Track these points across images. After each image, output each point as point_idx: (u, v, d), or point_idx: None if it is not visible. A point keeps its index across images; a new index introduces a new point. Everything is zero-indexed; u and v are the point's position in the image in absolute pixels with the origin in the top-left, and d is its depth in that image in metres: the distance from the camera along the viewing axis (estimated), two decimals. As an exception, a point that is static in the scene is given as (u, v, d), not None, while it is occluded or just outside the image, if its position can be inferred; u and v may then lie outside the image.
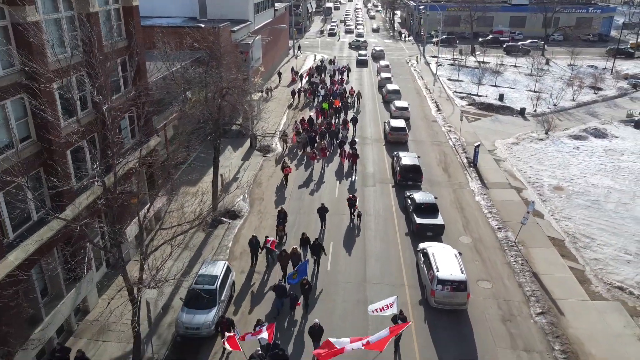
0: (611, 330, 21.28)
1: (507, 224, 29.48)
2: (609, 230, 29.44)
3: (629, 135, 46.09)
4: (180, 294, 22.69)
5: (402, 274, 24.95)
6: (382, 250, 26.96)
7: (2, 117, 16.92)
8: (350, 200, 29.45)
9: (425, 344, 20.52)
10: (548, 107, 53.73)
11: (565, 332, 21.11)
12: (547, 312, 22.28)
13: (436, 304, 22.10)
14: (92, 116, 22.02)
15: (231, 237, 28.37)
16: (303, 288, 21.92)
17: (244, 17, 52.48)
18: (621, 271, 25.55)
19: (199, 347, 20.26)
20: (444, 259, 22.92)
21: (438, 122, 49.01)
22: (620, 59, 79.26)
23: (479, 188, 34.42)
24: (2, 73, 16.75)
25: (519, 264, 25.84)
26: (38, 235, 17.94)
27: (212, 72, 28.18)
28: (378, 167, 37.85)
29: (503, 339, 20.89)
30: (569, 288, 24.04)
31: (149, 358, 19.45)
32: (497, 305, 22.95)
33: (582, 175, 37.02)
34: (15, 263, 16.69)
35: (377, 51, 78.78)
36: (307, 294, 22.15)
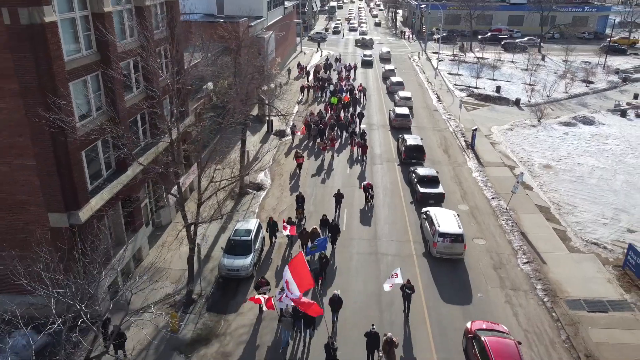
0: (585, 275, 25.12)
1: (500, 195, 33.31)
2: (590, 200, 33.28)
3: (615, 122, 49.90)
4: (220, 244, 26.63)
5: (407, 233, 28.82)
6: (390, 215, 30.83)
7: (84, 89, 20.77)
8: (365, 188, 31.94)
9: (429, 285, 24.37)
10: (542, 98, 57.51)
11: (547, 276, 24.96)
12: (532, 262, 26.13)
13: (437, 254, 25.96)
14: (143, 94, 25.92)
15: (257, 205, 32.22)
16: (321, 262, 23.96)
17: (258, 14, 56.29)
18: (598, 231, 29.40)
19: (238, 285, 24.13)
20: (444, 217, 26.80)
21: (439, 111, 52.85)
22: (614, 55, 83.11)
23: (476, 166, 38.28)
24: (85, 53, 20.61)
25: (510, 225, 29.70)
26: (110, 187, 21.88)
27: (240, 59, 32.03)
28: (384, 149, 41.69)
29: (494, 281, 24.75)
30: (552, 244, 27.89)
31: (198, 293, 23.31)
32: (489, 257, 26.81)
33: (569, 156, 40.87)
34: (96, 207, 20.59)
35: (384, 53, 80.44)
36: (324, 267, 24.08)
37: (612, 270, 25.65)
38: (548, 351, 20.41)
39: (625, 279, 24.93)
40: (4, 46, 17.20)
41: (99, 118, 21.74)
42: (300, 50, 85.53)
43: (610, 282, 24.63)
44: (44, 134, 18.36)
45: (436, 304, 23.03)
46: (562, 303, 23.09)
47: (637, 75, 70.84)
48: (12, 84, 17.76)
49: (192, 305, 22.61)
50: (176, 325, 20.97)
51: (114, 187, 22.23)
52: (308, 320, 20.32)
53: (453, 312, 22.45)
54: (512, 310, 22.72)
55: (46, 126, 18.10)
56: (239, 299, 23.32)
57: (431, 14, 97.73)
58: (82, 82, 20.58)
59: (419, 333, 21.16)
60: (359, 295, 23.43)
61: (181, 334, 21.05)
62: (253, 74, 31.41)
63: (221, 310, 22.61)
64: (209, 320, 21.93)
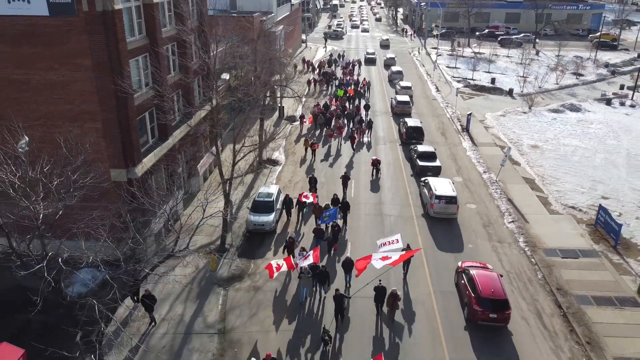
0: (561, 231, 29.12)
1: (491, 169, 37.29)
2: (571, 174, 37.28)
3: (600, 110, 53.88)
4: (243, 210, 30.63)
5: (408, 199, 32.83)
6: (392, 185, 34.86)
7: (136, 68, 24.77)
8: (373, 162, 35.78)
9: (427, 238, 28.36)
10: (533, 89, 61.48)
11: (528, 232, 28.96)
12: (516, 221, 30.13)
13: (434, 214, 29.97)
14: (178, 76, 29.93)
15: (274, 177, 36.22)
16: (333, 230, 26.70)
17: (268, 9, 60.33)
18: (576, 198, 33.41)
19: (263, 238, 28.14)
20: (440, 183, 30.81)
21: (437, 100, 56.86)
22: (605, 51, 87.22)
23: (470, 146, 42.30)
24: (137, 37, 24.62)
25: (498, 194, 33.70)
26: (157, 150, 25.92)
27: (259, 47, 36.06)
28: (387, 132, 45.71)
29: (483, 235, 28.75)
30: (534, 207, 31.90)
31: (230, 243, 27.31)
32: (479, 217, 30.81)
33: (556, 138, 44.87)
34: (148, 165, 24.63)
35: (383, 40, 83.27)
36: (336, 236, 26.75)
37: (585, 228, 29.66)
38: (526, 286, 24.42)
39: (596, 234, 28.95)
40: (82, 29, 21.20)
41: (148, 92, 25.80)
42: (305, 45, 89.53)
43: (583, 236, 28.65)
44: (110, 102, 22.39)
45: (433, 253, 27.04)
46: (540, 252, 27.10)
47: (626, 68, 74.76)
48: (87, 60, 21.77)
49: (226, 252, 26.63)
50: (214, 265, 25.02)
51: (160, 150, 26.30)
52: (322, 279, 23.28)
53: (447, 258, 26.44)
54: (497, 257, 26.72)
55: (112, 95, 22.13)
56: (265, 248, 27.35)
57: (430, 12, 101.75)
58: (136, 61, 24.60)
59: (418, 274, 25.13)
60: (366, 247, 27.30)
61: (218, 273, 25.05)
62: (271, 60, 35.28)
63: (250, 256, 26.61)
64: (240, 264, 25.94)
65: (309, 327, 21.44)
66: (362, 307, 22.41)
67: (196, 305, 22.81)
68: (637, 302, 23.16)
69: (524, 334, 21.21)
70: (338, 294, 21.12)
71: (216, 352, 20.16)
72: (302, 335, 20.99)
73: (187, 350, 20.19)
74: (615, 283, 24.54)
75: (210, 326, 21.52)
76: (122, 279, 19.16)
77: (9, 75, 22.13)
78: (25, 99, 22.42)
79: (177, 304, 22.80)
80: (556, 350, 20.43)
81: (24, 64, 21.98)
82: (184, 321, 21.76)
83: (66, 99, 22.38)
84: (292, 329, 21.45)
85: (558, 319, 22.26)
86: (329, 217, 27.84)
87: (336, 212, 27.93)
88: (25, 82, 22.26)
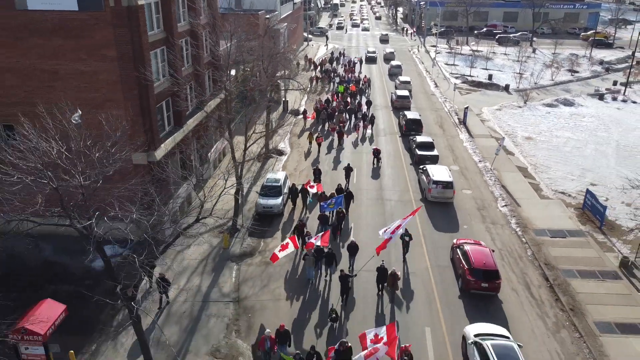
0: (551, 214, 31.06)
1: (486, 159, 39.23)
2: (562, 163, 39.22)
3: (593, 104, 55.81)
4: (251, 195, 32.55)
5: (407, 185, 34.78)
6: (393, 172, 36.81)
7: (155, 59, 26.69)
8: (375, 151, 37.85)
9: (425, 220, 30.28)
10: (529, 85, 63.39)
11: (520, 215, 30.90)
12: (509, 205, 32.08)
13: (432, 198, 31.91)
14: (191, 68, 31.85)
15: (280, 165, 38.15)
16: (338, 216, 28.37)
17: (272, 8, 62.29)
18: (565, 184, 35.35)
19: (271, 219, 30.06)
20: (437, 170, 32.78)
21: (436, 95, 58.81)
22: (601, 49, 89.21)
23: (467, 138, 44.25)
24: (156, 31, 26.55)
25: (492, 180, 35.64)
26: (174, 136, 27.86)
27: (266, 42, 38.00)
28: (387, 125, 47.66)
29: (477, 218, 30.69)
30: (526, 193, 33.83)
31: (240, 224, 29.22)
32: (474, 202, 32.76)
33: (549, 130, 46.82)
34: (166, 149, 26.57)
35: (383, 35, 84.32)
36: (341, 221, 28.42)
37: (573, 211, 31.61)
38: (517, 261, 26.36)
39: (583, 217, 30.90)
40: (108, 23, 23.14)
41: (165, 83, 27.75)
42: (307, 43, 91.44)
43: (571, 218, 30.59)
44: (133, 90, 24.33)
45: (430, 232, 28.98)
46: (530, 232, 29.04)
47: (620, 65, 76.64)
48: (112, 52, 23.70)
49: (237, 232, 28.56)
50: (227, 242, 26.96)
51: (176, 136, 28.26)
52: (328, 260, 24.86)
53: (443, 237, 28.38)
54: (490, 236, 28.66)
55: (135, 84, 24.07)
56: (273, 228, 29.30)
57: (430, 11, 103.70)
58: (154, 53, 26.54)
59: (417, 251, 27.04)
60: (368, 229, 29.21)
61: (231, 250, 26.99)
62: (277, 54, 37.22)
63: (260, 236, 28.50)
64: (251, 242, 27.87)
65: (316, 301, 23.15)
66: (365, 288, 23.94)
67: (212, 277, 24.76)
68: (618, 276, 25.10)
69: (513, 302, 23.15)
70: (343, 274, 22.59)
71: (232, 317, 22.10)
72: (310, 307, 22.69)
73: (205, 315, 22.13)
74: (599, 259, 26.48)
75: (226, 295, 23.46)
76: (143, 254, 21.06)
77: (41, 65, 24.07)
78: (55, 88, 24.33)
79: (195, 277, 24.74)
80: (542, 316, 22.36)
81: (54, 55, 23.91)
82: (201, 291, 23.70)
83: (92, 87, 24.30)
84: (301, 299, 23.32)
85: (545, 289, 24.20)
86: (335, 204, 29.69)
87: (341, 199, 29.54)
88: (55, 72, 24.20)
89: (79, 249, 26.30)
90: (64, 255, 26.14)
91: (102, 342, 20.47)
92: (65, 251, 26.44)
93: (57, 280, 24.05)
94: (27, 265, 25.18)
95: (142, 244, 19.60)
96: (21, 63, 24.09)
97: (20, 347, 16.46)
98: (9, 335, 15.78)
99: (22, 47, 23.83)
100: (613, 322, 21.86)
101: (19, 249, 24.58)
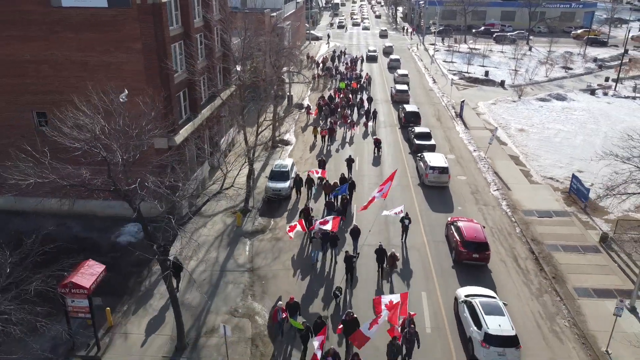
0: (539, 197, 33.47)
1: (480, 148, 41.63)
2: (552, 152, 41.63)
3: (584, 99, 58.22)
4: (260, 181, 34.94)
5: (406, 171, 37.21)
6: (392, 160, 39.25)
7: (174, 52, 29.07)
8: (375, 141, 40.38)
9: (422, 202, 32.70)
10: (524, 81, 65.83)
11: (510, 197, 33.30)
12: (500, 189, 34.49)
13: (429, 182, 34.33)
14: (205, 62, 34.25)
15: (286, 155, 40.52)
16: (342, 203, 30.68)
17: (277, 7, 64.66)
18: (554, 171, 37.76)
19: (280, 202, 32.45)
20: (434, 156, 35.21)
21: (434, 90, 61.23)
22: (596, 47, 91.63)
23: (463, 130, 46.66)
24: (175, 26, 28.94)
25: (486, 168, 38.04)
26: (191, 123, 30.27)
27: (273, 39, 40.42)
28: (387, 117, 50.08)
29: (471, 200, 33.10)
30: (517, 179, 36.24)
31: (252, 206, 31.61)
32: (468, 186, 35.16)
33: (541, 122, 49.23)
34: (185, 135, 28.97)
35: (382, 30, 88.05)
36: (345, 207, 30.35)
37: (560, 195, 34.02)
38: (506, 238, 28.76)
39: (569, 199, 33.30)
40: (134, 18, 25.53)
41: (182, 74, 30.17)
42: (309, 41, 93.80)
43: (557, 201, 33.01)
44: (156, 80, 26.72)
45: (427, 213, 31.39)
46: (519, 212, 31.45)
47: (613, 63, 78.99)
48: (137, 44, 26.10)
49: (249, 212, 30.96)
50: (240, 221, 29.36)
51: (194, 123, 30.68)
52: (333, 243, 26.89)
53: (439, 217, 30.77)
54: (482, 216, 31.05)
55: (157, 74, 26.45)
56: (282, 209, 31.71)
57: (429, 10, 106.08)
58: (174, 47, 28.93)
59: (415, 228, 29.39)
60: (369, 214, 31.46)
61: (243, 228, 29.38)
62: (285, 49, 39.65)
63: (270, 216, 30.95)
64: (262, 222, 30.27)
65: (322, 279, 25.16)
66: (367, 268, 25.86)
67: (227, 251, 27.16)
68: (598, 250, 27.51)
69: (501, 272, 25.57)
70: (347, 255, 24.58)
71: (247, 284, 24.50)
72: (317, 285, 24.67)
73: (223, 282, 24.53)
74: (582, 235, 28.90)
75: (241, 265, 25.87)
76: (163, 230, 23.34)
77: (73, 57, 26.48)
78: (85, 77, 26.70)
79: (212, 250, 27.15)
80: (527, 283, 24.78)
81: (84, 47, 26.32)
82: (218, 262, 26.11)
83: (119, 76, 26.68)
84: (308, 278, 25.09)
85: (531, 261, 26.62)
86: (339, 191, 31.93)
87: (346, 187, 31.77)
88: (85, 63, 26.61)
89: (104, 226, 29.11)
90: (92, 232, 28.57)
91: (132, 304, 22.89)
92: (92, 229, 28.89)
93: (87, 252, 26.40)
94: (60, 240, 27.54)
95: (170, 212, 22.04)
96: (55, 55, 26.52)
97: (67, 299, 18.82)
98: (58, 288, 18.14)
99: (56, 41, 26.25)
100: (591, 288, 24.26)
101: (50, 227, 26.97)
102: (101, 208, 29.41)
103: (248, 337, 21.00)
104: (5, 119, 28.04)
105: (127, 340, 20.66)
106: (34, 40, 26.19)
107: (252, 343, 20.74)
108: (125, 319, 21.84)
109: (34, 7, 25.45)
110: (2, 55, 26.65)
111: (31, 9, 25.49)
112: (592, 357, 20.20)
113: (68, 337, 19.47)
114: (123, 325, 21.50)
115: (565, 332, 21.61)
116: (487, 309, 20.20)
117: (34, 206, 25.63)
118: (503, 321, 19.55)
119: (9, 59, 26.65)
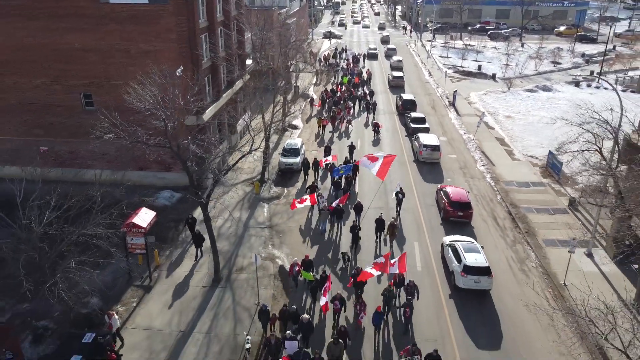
0: (520, 171, 38.04)
1: (470, 132, 46.18)
2: (534, 135, 46.21)
3: (569, 90, 62.80)
4: (274, 157, 39.49)
5: (403, 151, 41.76)
6: (390, 140, 43.84)
7: (201, 42, 33.55)
8: (374, 125, 45.07)
9: (415, 174, 37.27)
10: (514, 74, 70.36)
11: (494, 172, 37.86)
12: (486, 165, 39.05)
13: (422, 159, 38.91)
14: (224, 52, 38.74)
15: (295, 136, 45.08)
16: (347, 181, 35.43)
17: (283, 5, 69.11)
18: (535, 151, 42.34)
19: (292, 174, 37.00)
20: (427, 136, 39.83)
21: (429, 82, 65.81)
22: (586, 44, 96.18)
23: (455, 116, 51.23)
24: (202, 20, 33.45)
25: (474, 148, 42.61)
26: (215, 104, 34.81)
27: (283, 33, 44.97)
28: (386, 105, 54.67)
29: (459, 173, 37.67)
30: (501, 157, 40.81)
31: (267, 178, 36.14)
32: (458, 163, 39.72)
33: (527, 110, 53.78)
34: (210, 114, 33.51)
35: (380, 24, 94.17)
36: (349, 184, 34.82)
37: (538, 169, 38.61)
38: (488, 203, 33.33)
39: (545, 172, 37.88)
40: (171, 13, 30.03)
41: (207, 62, 34.69)
42: (312, 38, 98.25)
43: (535, 175, 37.58)
44: (188, 65, 31.20)
45: (420, 183, 35.95)
46: (501, 183, 36.02)
47: (599, 58, 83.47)
48: (172, 35, 30.60)
49: (265, 183, 35.50)
50: (258, 189, 33.90)
51: (217, 104, 35.23)
52: (339, 215, 30.65)
53: (430, 187, 35.30)
54: (469, 186, 35.58)
55: (189, 60, 30.97)
56: (294, 180, 36.29)
57: (426, 8, 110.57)
58: (200, 38, 33.44)
59: (409, 195, 33.90)
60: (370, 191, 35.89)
61: (261, 195, 33.92)
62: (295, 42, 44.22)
63: (283, 185, 35.54)
64: (277, 190, 34.85)
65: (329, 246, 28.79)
66: (369, 237, 29.34)
67: (248, 212, 31.71)
68: (566, 211, 32.09)
69: (482, 227, 30.13)
70: (353, 225, 28.14)
71: (267, 236, 29.05)
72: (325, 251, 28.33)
73: (247, 235, 29.08)
74: (553, 201, 33.48)
75: (261, 223, 30.43)
76: (192, 197, 27.52)
77: (116, 46, 30.98)
78: (127, 64, 31.20)
79: (235, 212, 31.69)
80: (503, 236, 29.35)
81: (127, 38, 30.82)
82: (242, 220, 30.67)
83: (156, 63, 30.90)
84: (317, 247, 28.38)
85: (508, 220, 31.19)
86: (344, 170, 36.05)
87: (350, 167, 35.53)
88: (127, 51, 31.11)
89: (143, 193, 33.53)
90: (133, 197, 32.99)
91: (173, 249, 27.45)
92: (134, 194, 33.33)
93: (131, 211, 30.94)
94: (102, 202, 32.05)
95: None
96: (101, 44, 31.03)
97: (128, 238, 23.33)
98: (122, 227, 22.68)
99: (103, 32, 30.75)
100: (556, 239, 28.83)
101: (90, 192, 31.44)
102: (139, 178, 33.85)
103: (271, 274, 25.56)
104: (57, 100, 32.53)
105: (173, 275, 25.22)
106: (84, 31, 30.70)
107: (273, 277, 25.32)
108: (168, 260, 26.41)
109: (86, 3, 29.97)
110: (58, 44, 31.15)
111: (84, 5, 30.00)
112: (552, 287, 24.78)
113: (127, 270, 23.98)
114: (168, 264, 26.07)
115: (532, 271, 26.19)
116: (466, 248, 24.75)
117: (74, 176, 30.43)
118: (479, 257, 24.10)
119: (64, 47, 31.15)
